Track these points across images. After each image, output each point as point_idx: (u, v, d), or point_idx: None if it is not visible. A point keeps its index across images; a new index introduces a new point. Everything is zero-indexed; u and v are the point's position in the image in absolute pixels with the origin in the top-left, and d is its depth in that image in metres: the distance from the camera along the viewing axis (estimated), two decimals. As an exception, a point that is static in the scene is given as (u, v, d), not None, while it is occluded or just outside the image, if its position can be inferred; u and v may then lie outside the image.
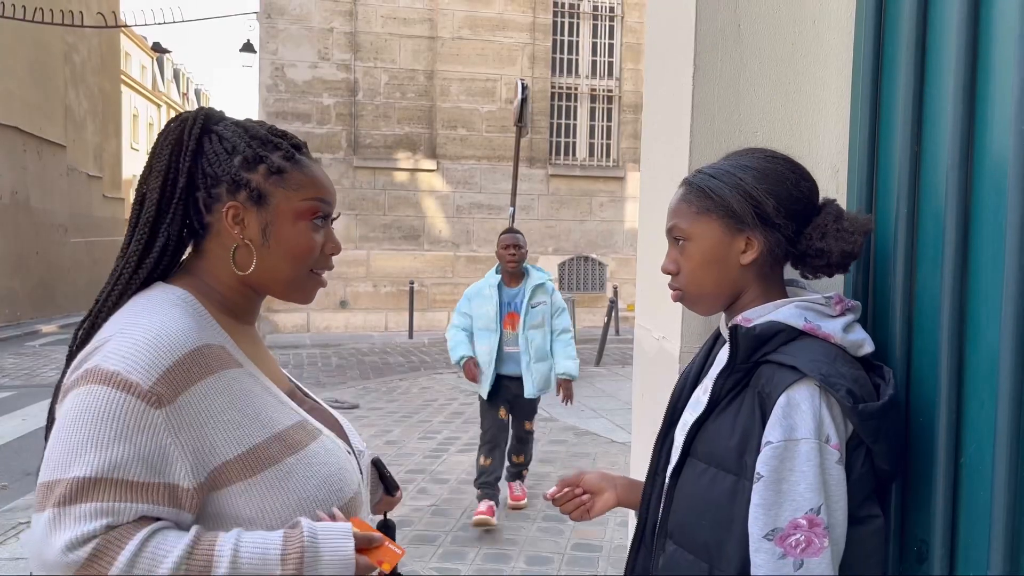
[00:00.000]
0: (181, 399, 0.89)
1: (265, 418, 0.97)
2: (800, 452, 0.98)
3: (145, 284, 1.02)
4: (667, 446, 1.24)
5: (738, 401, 1.08)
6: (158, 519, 0.88)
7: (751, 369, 1.07)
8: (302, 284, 1.07)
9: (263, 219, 1.03)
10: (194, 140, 1.02)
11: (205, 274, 1.04)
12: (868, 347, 1.09)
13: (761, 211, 1.10)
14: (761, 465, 1.01)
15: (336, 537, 0.92)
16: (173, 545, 0.85)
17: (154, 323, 0.92)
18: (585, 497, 1.36)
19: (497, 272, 4.29)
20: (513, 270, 4.23)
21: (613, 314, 10.94)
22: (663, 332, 1.64)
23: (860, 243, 1.10)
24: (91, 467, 0.84)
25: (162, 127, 1.05)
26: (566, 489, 1.36)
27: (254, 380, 1.00)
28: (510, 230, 4.37)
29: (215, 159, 1.02)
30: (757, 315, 1.11)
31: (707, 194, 1.13)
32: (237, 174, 1.02)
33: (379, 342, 11.98)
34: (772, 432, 1.01)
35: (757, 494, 1.01)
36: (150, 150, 1.03)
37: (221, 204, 1.02)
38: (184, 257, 1.08)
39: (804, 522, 0.98)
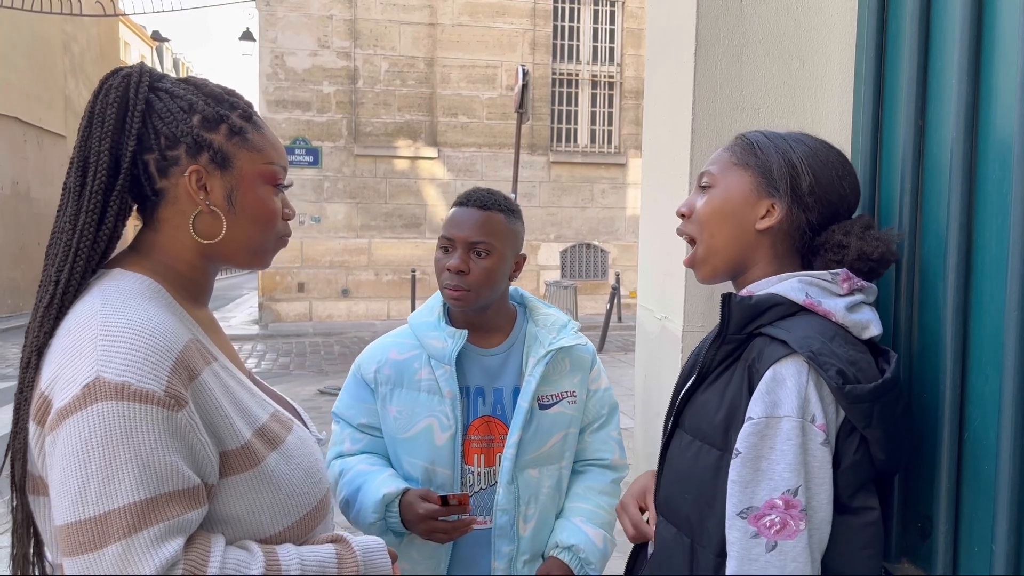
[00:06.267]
0: (190, 396, 0.85)
1: (247, 413, 0.94)
2: (781, 430, 0.94)
3: (102, 259, 0.93)
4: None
5: (728, 374, 1.04)
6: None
7: (744, 341, 1.04)
8: (268, 250, 1.03)
9: (228, 183, 0.96)
10: (143, 98, 0.92)
11: (161, 251, 0.96)
12: (874, 329, 1.04)
13: (796, 183, 1.07)
14: (740, 441, 0.97)
15: (379, 554, 0.99)
16: (247, 560, 0.85)
17: (138, 319, 0.85)
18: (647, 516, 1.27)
19: (446, 314, 1.58)
20: (460, 301, 1.50)
21: (615, 301, 10.94)
22: (666, 312, 1.64)
23: (881, 250, 1.05)
24: (142, 488, 0.78)
25: (99, 83, 0.94)
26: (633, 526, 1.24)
27: (228, 373, 0.96)
28: (476, 199, 1.52)
29: (170, 118, 0.93)
30: (760, 288, 1.08)
31: (753, 149, 1.11)
32: (198, 134, 0.93)
33: (381, 330, 11.97)
34: (754, 407, 0.97)
35: (734, 470, 0.97)
36: (88, 108, 0.92)
37: (180, 167, 0.93)
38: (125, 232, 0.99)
39: (780, 503, 0.94)
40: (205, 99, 0.96)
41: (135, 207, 0.99)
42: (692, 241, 1.15)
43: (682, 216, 1.16)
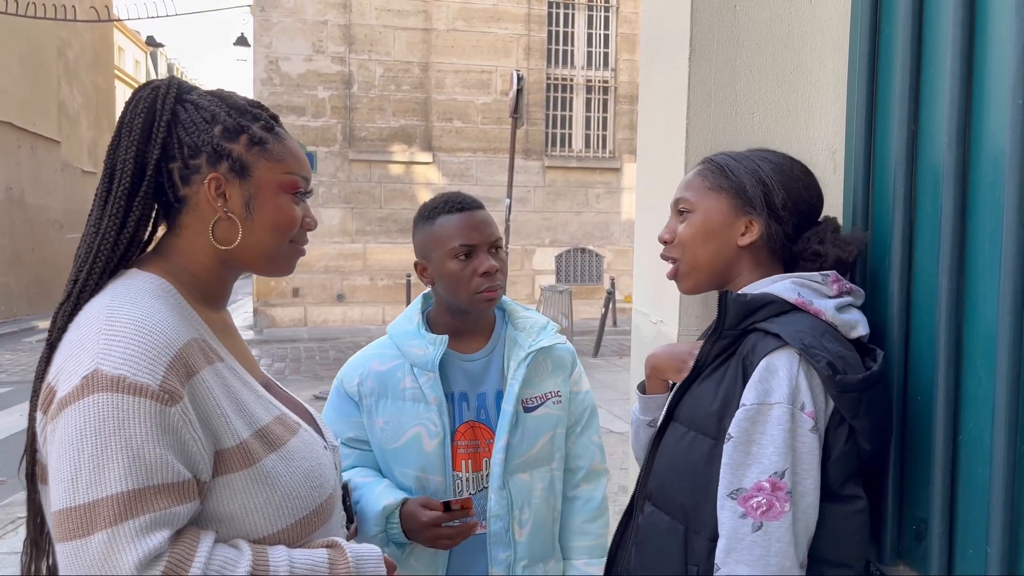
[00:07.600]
0: (186, 393, 0.87)
1: (248, 414, 0.95)
2: (772, 416, 1.00)
3: (122, 261, 0.97)
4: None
5: (723, 368, 1.09)
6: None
7: (739, 337, 1.08)
8: (285, 256, 1.05)
9: (246, 191, 0.99)
10: (168, 109, 0.97)
11: (179, 254, 0.99)
12: (862, 330, 1.09)
13: (770, 199, 1.14)
14: (733, 426, 1.02)
15: (373, 562, 0.99)
16: (234, 559, 0.85)
17: (141, 315, 0.87)
18: None
19: (425, 321, 1.60)
20: (495, 301, 1.50)
21: (610, 305, 10.95)
22: (661, 316, 1.64)
23: (855, 253, 1.14)
24: (130, 478, 0.79)
25: (131, 94, 0.99)
26: None
27: (234, 374, 0.97)
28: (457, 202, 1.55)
29: (193, 128, 0.97)
30: (753, 290, 1.12)
31: (725, 172, 1.17)
32: (218, 144, 0.97)
33: (376, 335, 11.93)
34: (747, 395, 1.03)
35: (726, 454, 1.03)
36: (119, 119, 0.97)
37: (200, 176, 0.97)
38: (153, 235, 1.02)
39: (767, 485, 0.99)
40: (228, 110, 1.00)
41: (163, 214, 1.02)
42: (675, 261, 1.21)
43: (664, 242, 1.22)
